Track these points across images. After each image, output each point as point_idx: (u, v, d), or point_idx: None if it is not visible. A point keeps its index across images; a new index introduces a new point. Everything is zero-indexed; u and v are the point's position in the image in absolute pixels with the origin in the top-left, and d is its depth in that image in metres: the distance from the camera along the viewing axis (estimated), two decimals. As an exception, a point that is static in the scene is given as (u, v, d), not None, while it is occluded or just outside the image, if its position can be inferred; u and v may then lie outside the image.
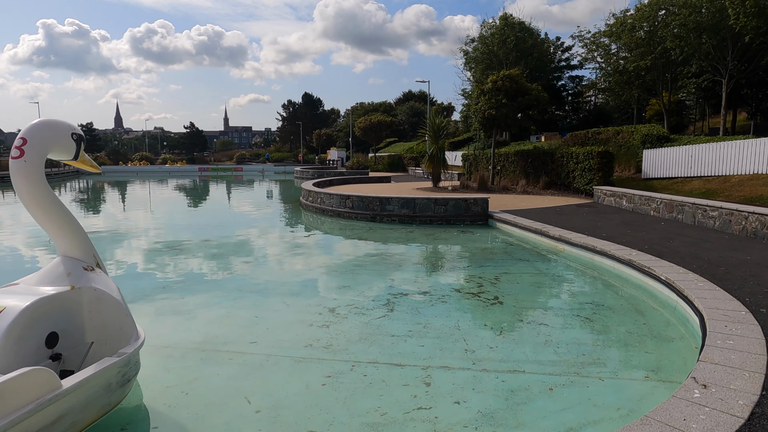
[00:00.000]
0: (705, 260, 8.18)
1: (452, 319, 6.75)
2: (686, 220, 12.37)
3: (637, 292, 7.86)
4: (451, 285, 8.48)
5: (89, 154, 30.00)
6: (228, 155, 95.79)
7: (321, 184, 23.06)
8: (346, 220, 16.53)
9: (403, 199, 15.50)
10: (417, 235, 13.68)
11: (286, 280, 9.20)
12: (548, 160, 21.49)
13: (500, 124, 22.51)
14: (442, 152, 23.88)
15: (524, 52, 38.23)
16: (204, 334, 6.44)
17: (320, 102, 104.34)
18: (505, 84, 22.01)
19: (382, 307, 7.32)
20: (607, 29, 34.39)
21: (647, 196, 14.16)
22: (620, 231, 11.27)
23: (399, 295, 7.89)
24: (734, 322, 5.21)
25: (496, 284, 8.49)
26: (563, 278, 8.93)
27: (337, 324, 6.65)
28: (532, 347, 5.82)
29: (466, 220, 15.06)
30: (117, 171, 58.59)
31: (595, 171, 18.07)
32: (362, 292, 8.19)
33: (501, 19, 39.01)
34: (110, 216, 20.85)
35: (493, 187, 22.73)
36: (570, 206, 16.22)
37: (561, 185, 20.80)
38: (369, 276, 9.39)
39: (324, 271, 9.86)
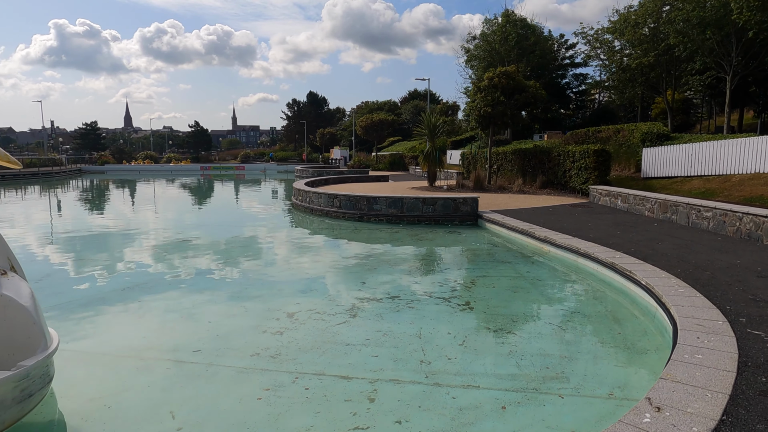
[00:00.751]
0: (691, 264, 7.72)
1: (415, 327, 6.36)
2: (680, 221, 11.87)
3: (618, 298, 7.42)
4: (424, 289, 8.08)
5: (95, 153, 30.26)
6: (233, 154, 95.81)
7: (313, 183, 22.71)
8: (334, 219, 16.15)
9: (391, 199, 15.10)
10: (401, 236, 13.28)
11: (251, 282, 8.83)
12: (545, 158, 20.99)
13: (496, 121, 22.03)
14: (437, 151, 23.43)
15: (526, 50, 37.66)
16: (149, 340, 6.10)
17: (325, 101, 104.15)
18: (502, 81, 21.53)
19: (345, 312, 6.94)
20: (611, 26, 33.76)
21: (642, 196, 13.67)
22: (609, 232, 10.81)
23: (366, 300, 7.50)
24: (708, 333, 4.77)
25: (470, 288, 8.08)
26: (542, 282, 8.50)
27: (292, 331, 6.28)
28: (493, 359, 5.41)
29: (455, 220, 14.64)
30: (119, 170, 58.64)
31: (591, 170, 17.57)
32: (328, 296, 7.81)
33: (503, 16, 38.46)
34: (88, 214, 20.64)
35: (490, 187, 22.27)
36: (564, 206, 15.74)
37: (558, 184, 20.30)
38: (340, 279, 9.02)
39: (293, 274, 9.48)
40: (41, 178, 43.91)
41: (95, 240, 13.86)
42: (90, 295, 8.04)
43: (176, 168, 62.46)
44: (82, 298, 7.90)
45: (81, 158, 68.92)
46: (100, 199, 28.60)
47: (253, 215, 20.54)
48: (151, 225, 16.94)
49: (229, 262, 10.51)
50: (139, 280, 8.90)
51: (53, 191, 32.62)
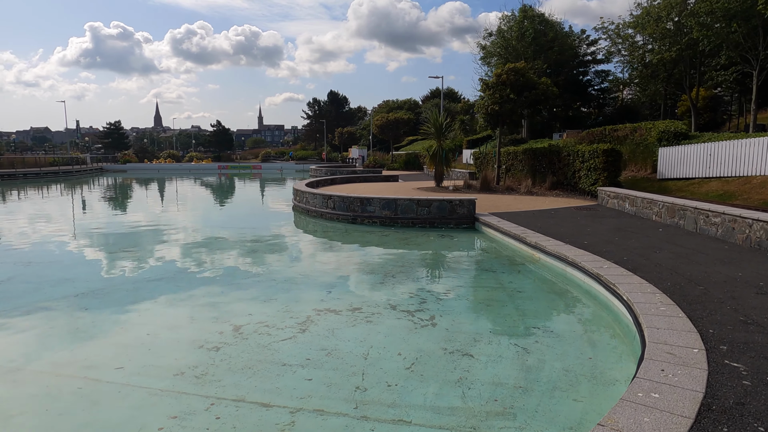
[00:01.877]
0: (685, 277, 6.95)
1: (365, 345, 5.80)
2: (687, 227, 11.00)
3: (601, 314, 6.72)
4: (391, 300, 7.50)
5: (119, 153, 30.42)
6: (254, 153, 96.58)
7: (315, 184, 22.29)
8: (328, 221, 15.68)
9: (384, 200, 14.54)
10: (390, 240, 12.71)
11: (207, 290, 8.35)
12: (555, 159, 20.10)
13: (505, 120, 21.23)
14: (444, 150, 22.74)
15: (543, 46, 36.51)
16: (74, 354, 5.70)
17: (346, 100, 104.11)
18: (510, 78, 20.72)
19: (296, 326, 6.43)
20: (633, 20, 32.46)
21: (649, 199, 12.78)
22: (607, 238, 10.04)
23: (323, 312, 6.97)
24: (677, 365, 4.09)
25: (441, 300, 7.47)
26: (522, 294, 7.82)
27: (231, 347, 5.80)
28: (438, 387, 4.82)
29: (451, 223, 13.99)
30: (140, 168, 59.51)
31: (601, 171, 16.66)
32: (285, 306, 7.31)
33: (520, 12, 37.39)
34: (69, 214, 20.63)
35: (497, 188, 21.48)
36: (568, 209, 14.92)
37: (567, 186, 19.40)
38: (305, 287, 8.50)
39: (257, 281, 8.97)
40: (61, 177, 44.73)
41: (61, 240, 13.68)
42: (37, 300, 7.72)
43: (195, 167, 63.07)
44: (30, 302, 7.58)
45: (105, 157, 70.30)
46: (96, 198, 28.75)
47: (243, 215, 20.23)
48: (142, 227, 16.75)
49: (189, 267, 10.07)
50: (99, 287, 8.56)
51: (64, 189, 33.01)
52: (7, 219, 18.36)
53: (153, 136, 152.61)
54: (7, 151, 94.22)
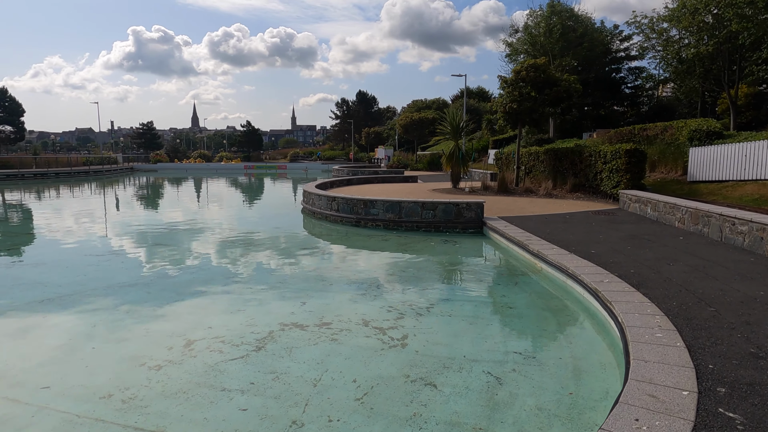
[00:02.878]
0: (696, 295, 6.10)
1: (319, 369, 5.22)
2: (712, 235, 9.98)
3: (596, 338, 5.96)
4: (365, 315, 6.89)
5: (150, 152, 30.58)
6: (282, 153, 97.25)
7: (326, 185, 21.84)
8: (332, 223, 15.17)
9: (388, 203, 13.91)
10: (388, 245, 12.09)
11: (175, 299, 7.89)
12: (577, 159, 19.05)
13: (524, 118, 20.27)
14: (461, 151, 21.93)
15: (572, 42, 35.11)
16: (6, 368, 5.30)
17: (374, 100, 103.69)
18: (530, 74, 19.78)
19: (253, 343, 5.90)
20: (667, 13, 30.81)
21: (672, 203, 11.75)
22: (618, 247, 9.16)
23: (289, 327, 6.42)
24: (656, 413, 3.35)
25: (421, 317, 6.81)
26: (512, 311, 7.08)
27: (175, 365, 5.31)
28: (385, 424, 4.19)
29: (458, 227, 13.25)
30: (169, 168, 60.59)
31: (623, 172, 15.58)
32: (250, 319, 6.79)
33: (548, 7, 36.09)
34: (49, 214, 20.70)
35: (516, 190, 20.55)
36: (585, 213, 13.97)
37: (589, 188, 18.34)
38: (281, 297, 7.97)
39: (232, 289, 8.45)
40: (91, 176, 45.79)
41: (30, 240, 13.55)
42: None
43: (221, 167, 63.81)
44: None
45: (138, 157, 71.98)
46: (108, 197, 29.03)
47: (246, 217, 19.85)
48: (134, 226, 16.60)
49: (167, 272, 9.64)
50: (61, 292, 8.23)
51: (86, 188, 33.59)
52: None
53: (189, 137, 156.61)
54: (51, 151, 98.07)
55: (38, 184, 37.45)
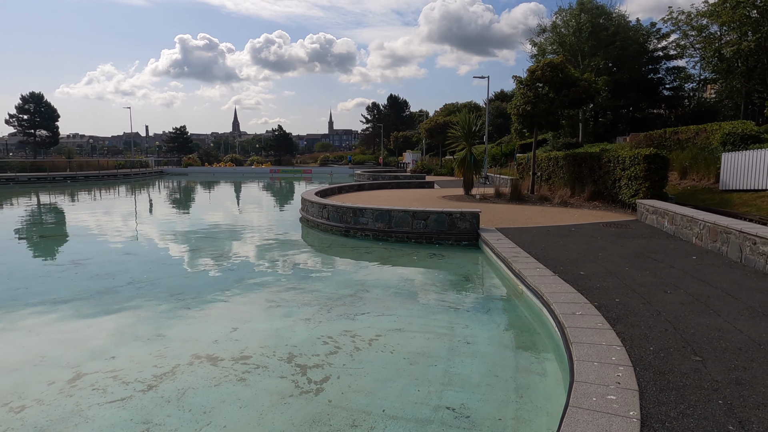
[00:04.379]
0: (684, 337, 4.92)
1: (201, 421, 4.34)
2: (731, 255, 8.59)
3: (552, 392, 4.86)
4: (296, 347, 5.97)
5: (183, 156, 30.34)
6: (313, 157, 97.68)
7: (334, 190, 21.07)
8: (323, 232, 14.34)
9: (378, 211, 12.96)
10: (369, 257, 11.14)
11: (94, 315, 7.14)
12: (595, 165, 17.60)
13: (540, 121, 18.94)
14: (473, 155, 20.73)
15: (603, 41, 33.24)
16: None
17: (406, 104, 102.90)
18: (546, 74, 18.46)
19: (148, 380, 5.09)
20: (707, 9, 28.76)
21: (689, 217, 10.34)
22: (615, 267, 7.93)
23: (199, 361, 5.57)
24: None
25: (356, 353, 5.84)
26: (468, 348, 5.99)
27: (42, 407, 4.57)
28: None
29: (451, 239, 12.18)
30: (198, 171, 61.40)
31: (642, 180, 14.12)
32: (163, 348, 5.97)
33: (578, 4, 34.36)
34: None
35: (530, 197, 19.22)
36: (595, 225, 12.63)
37: (608, 196, 16.87)
38: (212, 321, 7.11)
39: (167, 309, 7.63)
40: (119, 179, 46.65)
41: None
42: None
43: (247, 170, 64.27)
44: None
45: (170, 160, 73.45)
46: (118, 200, 29.06)
47: (238, 222, 19.07)
48: (117, 229, 16.19)
49: (112, 285, 8.92)
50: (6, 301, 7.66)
51: (107, 191, 33.97)
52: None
53: (228, 141, 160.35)
54: (99, 155, 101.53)
55: (64, 186, 38.26)
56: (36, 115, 52.62)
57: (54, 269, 10.66)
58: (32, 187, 37.79)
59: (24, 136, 53.86)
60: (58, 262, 11.44)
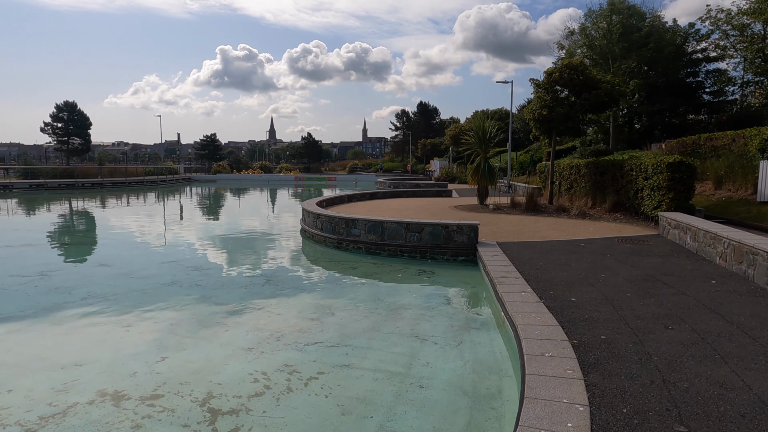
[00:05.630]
0: (674, 394, 3.86)
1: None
2: (758, 280, 7.33)
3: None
4: (217, 388, 5.16)
5: (214, 164, 30.08)
6: (342, 165, 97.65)
7: (341, 199, 20.31)
8: (317, 244, 13.58)
9: (370, 223, 12.10)
10: (354, 274, 10.27)
11: (32, 339, 6.54)
12: (618, 174, 16.25)
13: (558, 127, 17.72)
14: (487, 163, 19.62)
15: (635, 43, 31.52)
16: None
17: (436, 111, 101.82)
18: (564, 76, 17.27)
19: (31, 425, 4.36)
20: (749, 6, 26.87)
21: (713, 234, 9.06)
22: (615, 293, 6.82)
23: (103, 400, 4.85)
24: None
25: (285, 396, 4.99)
26: (419, 394, 5.02)
27: None
28: None
29: (447, 253, 11.20)
30: (226, 178, 61.93)
31: (665, 190, 12.78)
32: (71, 381, 5.27)
33: (608, 5, 32.77)
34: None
35: (547, 208, 17.98)
36: (609, 240, 11.41)
37: (630, 208, 15.49)
38: (139, 346, 6.36)
39: (104, 328, 7.03)
40: (146, 186, 47.30)
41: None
42: None
43: (273, 177, 64.44)
44: None
45: (200, 167, 74.56)
46: (130, 207, 29.04)
47: (232, 231, 18.46)
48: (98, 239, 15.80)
49: (58, 301, 8.38)
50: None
51: (128, 198, 34.23)
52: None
53: (263, 148, 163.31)
54: (140, 162, 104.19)
55: (89, 193, 38.92)
56: (69, 123, 54.26)
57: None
58: (61, 192, 38.59)
59: (58, 144, 55.70)
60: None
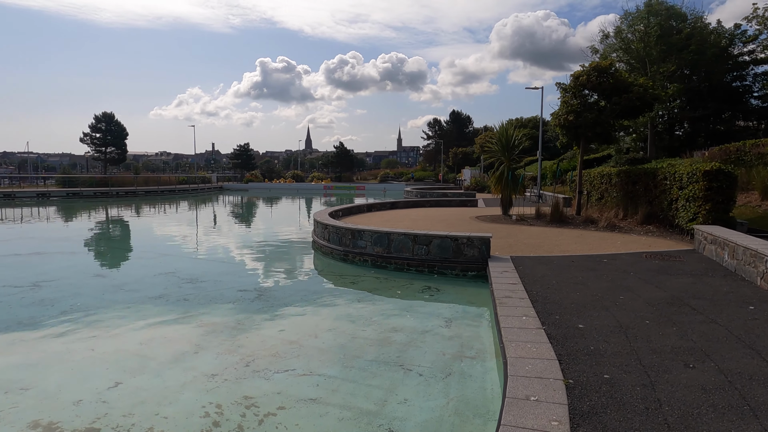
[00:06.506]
0: (682, 464, 3.02)
1: None
2: (805, 307, 6.29)
3: None
4: (160, 423, 4.60)
5: (246, 173, 30.13)
6: (374, 174, 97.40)
7: (359, 209, 19.74)
8: (324, 255, 13.03)
9: (377, 234, 11.44)
10: (353, 289, 9.63)
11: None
12: (651, 183, 15.07)
13: (585, 133, 16.67)
14: (510, 172, 18.69)
15: (675, 45, 29.90)
16: None
17: (469, 120, 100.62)
18: (591, 79, 16.25)
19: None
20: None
21: (753, 250, 7.99)
22: (631, 320, 5.93)
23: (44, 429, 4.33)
24: None
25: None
26: None
27: None
28: None
29: (456, 268, 10.43)
30: (256, 187, 62.58)
31: (701, 201, 11.63)
32: (6, 409, 4.79)
33: (645, 6, 31.28)
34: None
35: (574, 219, 16.90)
36: (635, 255, 10.38)
37: (664, 220, 14.30)
38: (98, 367, 5.87)
39: (69, 346, 6.56)
40: (177, 194, 48.04)
41: None
42: None
43: (303, 186, 64.65)
44: None
45: (233, 176, 75.67)
46: (146, 217, 29.17)
47: (240, 243, 18.12)
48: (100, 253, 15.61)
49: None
50: None
51: (154, 207, 34.62)
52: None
53: (299, 158, 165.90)
54: (181, 171, 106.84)
55: (123, 201, 39.72)
56: (107, 133, 55.96)
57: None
58: (95, 201, 39.53)
59: (96, 153, 57.52)
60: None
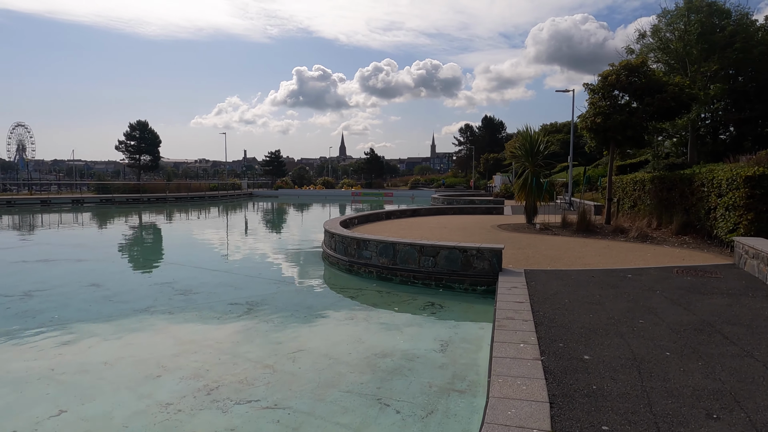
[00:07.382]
0: None
1: None
2: None
3: None
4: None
5: (278, 179, 30.28)
6: (404, 180, 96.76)
7: (368, 218, 19.09)
8: (330, 266, 12.45)
9: (382, 244, 10.76)
10: (351, 304, 8.97)
11: None
12: (687, 190, 13.87)
13: (615, 136, 15.57)
14: (535, 178, 17.68)
15: (717, 43, 28.15)
16: None
17: (502, 125, 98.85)
18: (621, 78, 15.18)
19: None
20: None
21: (801, 266, 6.93)
22: (646, 350, 5.06)
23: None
24: None
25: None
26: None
27: None
28: None
29: (465, 282, 9.65)
30: (286, 194, 62.93)
31: (742, 210, 10.47)
32: None
33: (685, 3, 29.64)
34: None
35: (603, 228, 15.77)
36: (665, 270, 9.34)
37: (701, 229, 13.08)
38: (37, 393, 5.39)
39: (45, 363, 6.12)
40: (206, 201, 48.55)
41: None
42: None
43: (331, 192, 64.58)
44: None
45: (263, 183, 76.43)
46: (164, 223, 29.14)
47: (248, 252, 17.61)
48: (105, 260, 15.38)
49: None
50: None
51: (176, 214, 34.87)
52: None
53: (332, 165, 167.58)
54: (218, 178, 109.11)
55: (153, 207, 40.31)
56: (141, 141, 57.25)
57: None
58: (127, 207, 40.28)
59: (130, 160, 58.90)
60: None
